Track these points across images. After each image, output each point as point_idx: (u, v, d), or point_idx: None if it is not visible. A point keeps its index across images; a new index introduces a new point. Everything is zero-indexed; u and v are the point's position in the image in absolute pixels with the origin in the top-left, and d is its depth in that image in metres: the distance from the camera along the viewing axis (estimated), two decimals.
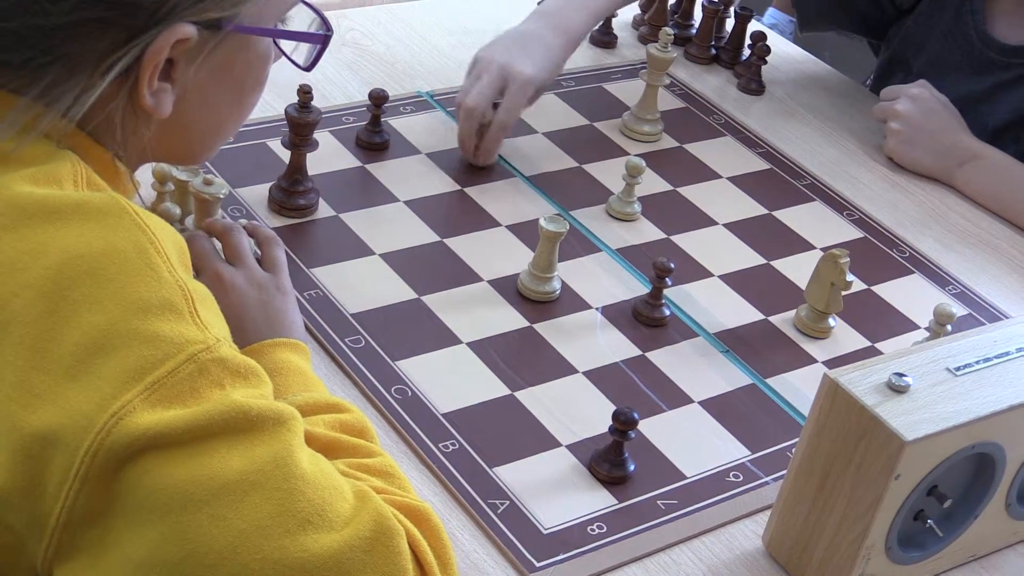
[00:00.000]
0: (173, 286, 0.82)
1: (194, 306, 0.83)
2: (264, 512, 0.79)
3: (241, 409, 0.80)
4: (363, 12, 1.78)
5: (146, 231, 0.84)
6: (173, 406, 0.79)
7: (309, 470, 0.82)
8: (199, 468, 0.79)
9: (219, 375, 0.81)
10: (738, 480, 1.16)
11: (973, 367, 1.05)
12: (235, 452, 0.80)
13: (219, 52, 0.92)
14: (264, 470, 0.80)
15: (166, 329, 0.80)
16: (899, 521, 1.03)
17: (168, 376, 0.79)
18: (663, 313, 1.32)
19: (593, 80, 1.72)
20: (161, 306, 0.81)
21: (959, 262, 1.52)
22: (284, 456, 0.81)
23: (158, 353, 0.80)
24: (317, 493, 0.81)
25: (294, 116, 1.32)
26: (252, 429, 0.81)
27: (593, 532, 1.08)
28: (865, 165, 1.67)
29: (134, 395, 0.78)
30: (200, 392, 0.80)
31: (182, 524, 0.78)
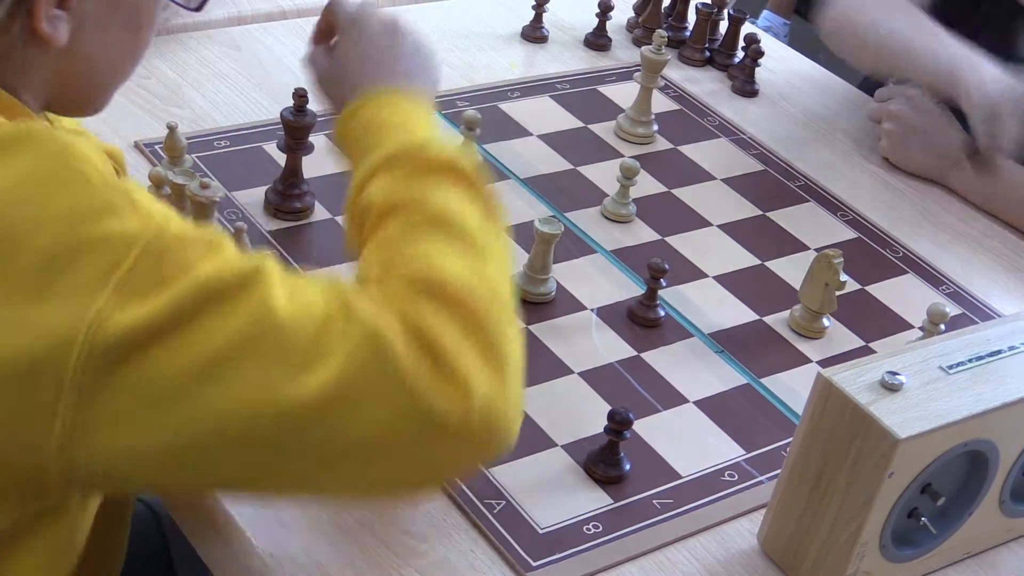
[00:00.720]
0: (104, 187, 0.83)
1: (132, 198, 0.83)
2: (259, 370, 0.81)
3: (208, 284, 0.82)
4: None
5: (62, 143, 0.85)
6: (145, 299, 0.80)
7: (289, 311, 0.83)
8: (186, 352, 0.80)
9: (179, 253, 0.82)
10: (733, 479, 1.16)
11: (966, 365, 1.05)
12: (215, 325, 0.81)
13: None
14: (246, 332, 0.81)
15: (112, 228, 0.81)
16: (893, 519, 1.03)
17: (130, 272, 0.80)
18: (658, 314, 1.32)
19: (587, 83, 1.73)
20: (101, 209, 0.82)
21: (953, 262, 1.52)
22: (261, 312, 0.82)
23: (113, 254, 0.81)
24: (301, 333, 0.82)
25: (290, 119, 1.32)
26: (224, 298, 0.82)
27: (589, 532, 1.08)
28: (859, 166, 1.68)
29: (104, 300, 0.80)
30: (166, 275, 0.81)
31: (186, 408, 0.81)
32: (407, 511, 1.06)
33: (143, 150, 1.42)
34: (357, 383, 0.82)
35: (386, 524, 1.05)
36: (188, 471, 0.85)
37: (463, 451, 0.87)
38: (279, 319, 0.82)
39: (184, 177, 1.25)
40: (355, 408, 0.82)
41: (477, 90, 1.66)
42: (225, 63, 1.61)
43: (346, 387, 0.82)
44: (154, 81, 1.54)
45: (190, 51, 1.62)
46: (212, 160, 1.42)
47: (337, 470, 0.85)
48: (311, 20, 1.71)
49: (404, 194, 0.95)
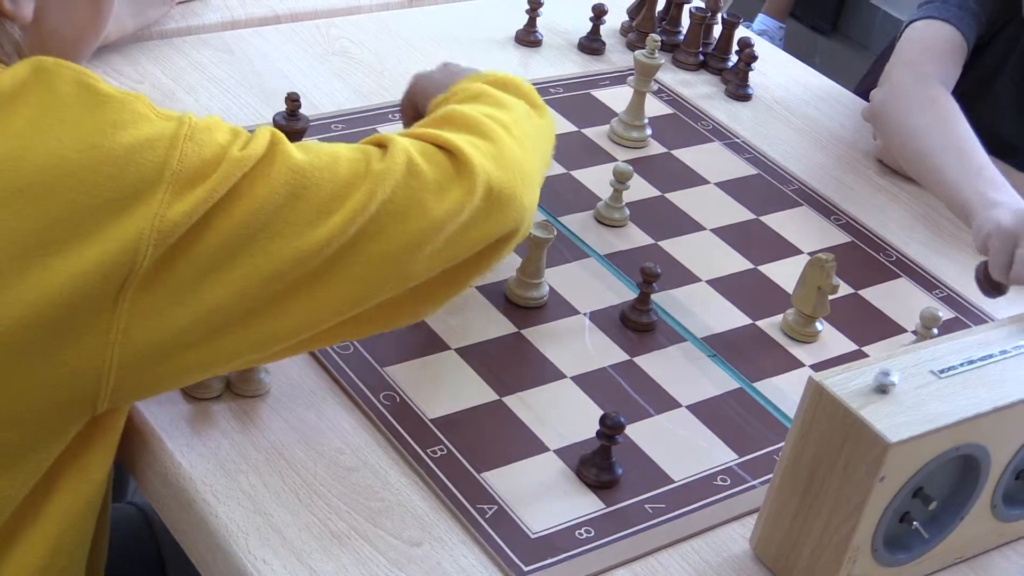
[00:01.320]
0: (128, 98, 0.92)
1: (151, 106, 0.93)
2: (301, 212, 0.95)
3: (243, 159, 0.93)
4: (352, 21, 1.78)
5: (73, 68, 0.92)
6: (196, 185, 0.90)
7: (308, 159, 0.97)
8: (236, 214, 0.92)
9: (209, 139, 0.92)
10: (725, 484, 1.16)
11: (957, 369, 1.05)
12: (255, 186, 0.93)
13: None
14: (282, 182, 0.94)
15: (152, 131, 0.90)
16: (885, 523, 1.03)
17: (179, 165, 0.90)
18: (651, 318, 1.32)
19: (581, 87, 1.73)
20: (133, 117, 0.91)
21: (946, 266, 1.52)
22: (288, 164, 0.95)
23: (159, 152, 0.90)
24: (327, 171, 0.97)
25: (282, 124, 1.32)
26: (257, 163, 0.93)
27: (581, 536, 1.08)
28: (853, 170, 1.68)
29: (162, 194, 0.89)
30: (208, 158, 0.91)
31: (245, 261, 0.93)
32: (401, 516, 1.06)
33: None
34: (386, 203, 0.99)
35: (378, 529, 1.05)
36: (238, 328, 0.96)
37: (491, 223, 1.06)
38: (306, 167, 0.96)
39: None
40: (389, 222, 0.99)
41: None
42: (219, 67, 1.61)
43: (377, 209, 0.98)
44: (147, 85, 1.54)
45: (183, 55, 1.62)
46: None
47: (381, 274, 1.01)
48: (305, 24, 1.74)
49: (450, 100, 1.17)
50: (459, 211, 1.03)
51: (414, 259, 1.01)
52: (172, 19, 1.66)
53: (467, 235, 1.04)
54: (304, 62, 1.66)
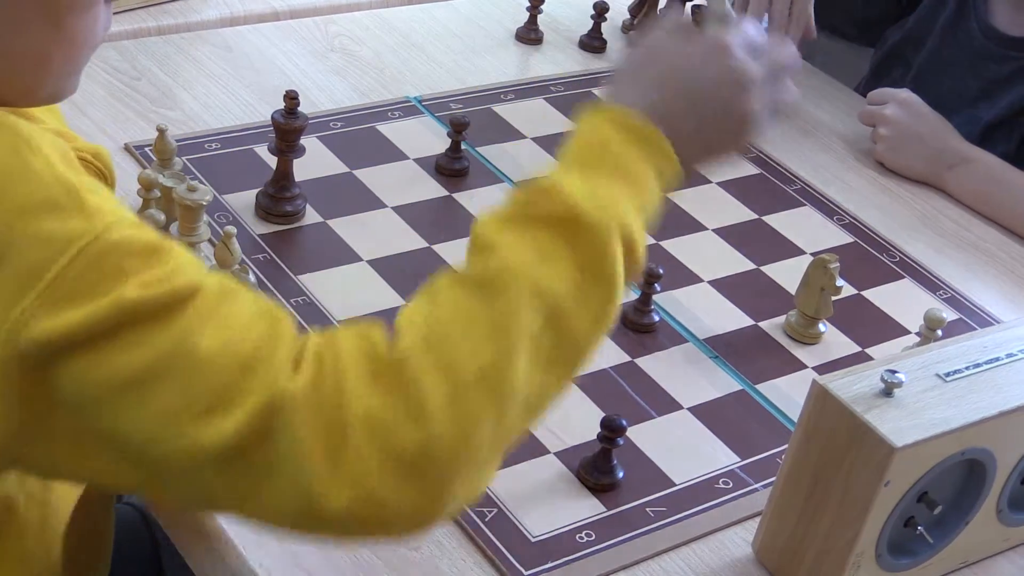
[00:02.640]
0: (53, 182, 0.80)
1: (80, 196, 0.80)
2: (167, 402, 0.78)
3: (135, 304, 0.78)
4: (351, 17, 1.77)
5: (18, 132, 0.82)
6: (72, 305, 0.77)
7: (209, 350, 0.78)
8: (107, 366, 0.78)
9: (114, 263, 0.79)
10: (728, 487, 1.15)
11: (963, 373, 1.04)
12: (136, 346, 0.78)
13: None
14: (164, 360, 0.78)
15: (51, 227, 0.78)
16: (889, 528, 1.02)
17: (61, 274, 0.78)
18: (652, 319, 1.31)
19: (583, 85, 1.72)
20: (43, 205, 0.79)
21: (949, 266, 1.51)
22: (182, 342, 0.78)
23: (47, 253, 0.78)
24: (218, 376, 0.78)
25: (281, 122, 1.31)
26: (149, 319, 0.78)
27: (582, 540, 1.07)
28: (855, 170, 1.67)
29: (31, 301, 0.77)
30: (96, 285, 0.78)
31: (107, 416, 0.78)
32: None
33: (133, 152, 1.41)
34: (252, 444, 0.78)
35: None
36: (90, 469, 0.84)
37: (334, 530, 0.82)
38: (201, 352, 0.78)
39: (174, 180, 1.24)
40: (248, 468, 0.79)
41: (470, 92, 1.65)
42: (216, 64, 1.60)
43: (243, 444, 0.78)
44: (144, 83, 1.53)
45: (181, 52, 1.60)
46: (202, 162, 1.41)
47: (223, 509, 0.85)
48: (304, 22, 1.73)
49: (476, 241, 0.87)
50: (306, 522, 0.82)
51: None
52: (170, 15, 1.65)
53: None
54: (303, 59, 1.65)
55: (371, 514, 0.79)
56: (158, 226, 1.22)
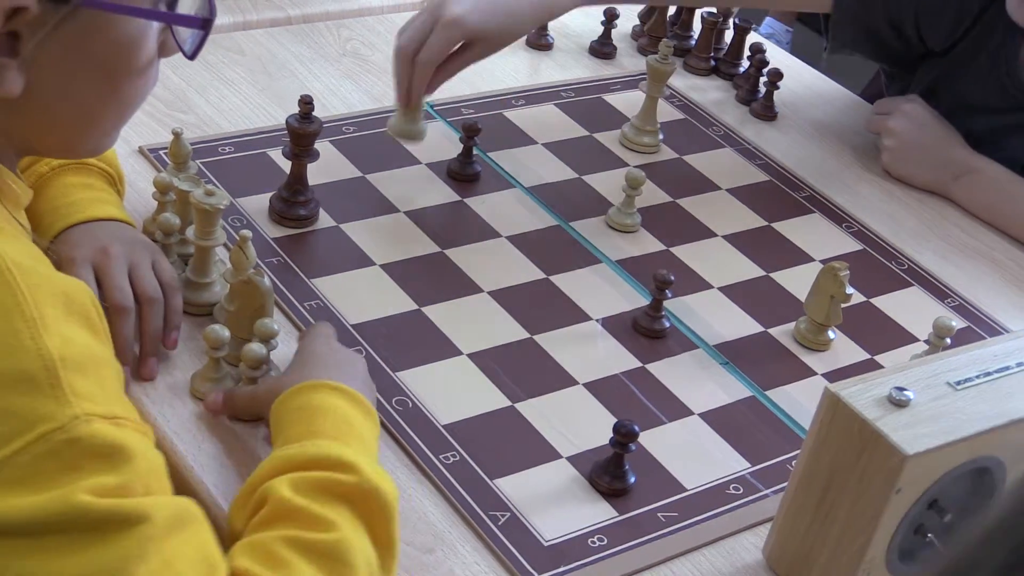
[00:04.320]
0: (33, 355, 0.77)
1: (57, 375, 0.77)
2: None
3: (81, 510, 0.75)
4: (363, 22, 1.78)
5: (13, 290, 0.78)
6: (18, 490, 0.75)
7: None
8: (34, 565, 0.75)
9: (72, 458, 0.76)
10: (738, 492, 1.16)
11: (973, 381, 1.05)
12: (71, 555, 0.75)
13: (71, 28, 0.85)
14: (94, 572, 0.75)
15: (19, 404, 0.76)
16: (899, 535, 1.03)
17: (15, 455, 0.75)
18: (663, 325, 1.32)
19: (592, 91, 1.73)
20: (17, 378, 0.76)
21: (957, 274, 1.52)
22: (118, 567, 0.76)
23: (6, 430, 0.75)
24: None
25: (295, 126, 1.32)
26: (92, 531, 0.76)
27: (594, 544, 1.08)
28: (863, 177, 1.68)
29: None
30: (48, 476, 0.75)
31: None
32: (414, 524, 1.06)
33: (147, 155, 1.41)
34: None
35: None
36: None
37: None
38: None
39: (189, 183, 1.25)
40: None
41: (481, 97, 1.66)
42: (231, 69, 1.61)
43: None
44: (159, 86, 1.52)
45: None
46: (217, 166, 1.42)
47: None
48: (316, 26, 1.74)
49: (306, 507, 0.90)
50: None
51: None
52: None
53: None
54: (316, 64, 1.66)
55: None
56: (172, 230, 1.23)
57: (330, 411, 1.00)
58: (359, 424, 1.01)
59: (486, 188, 1.48)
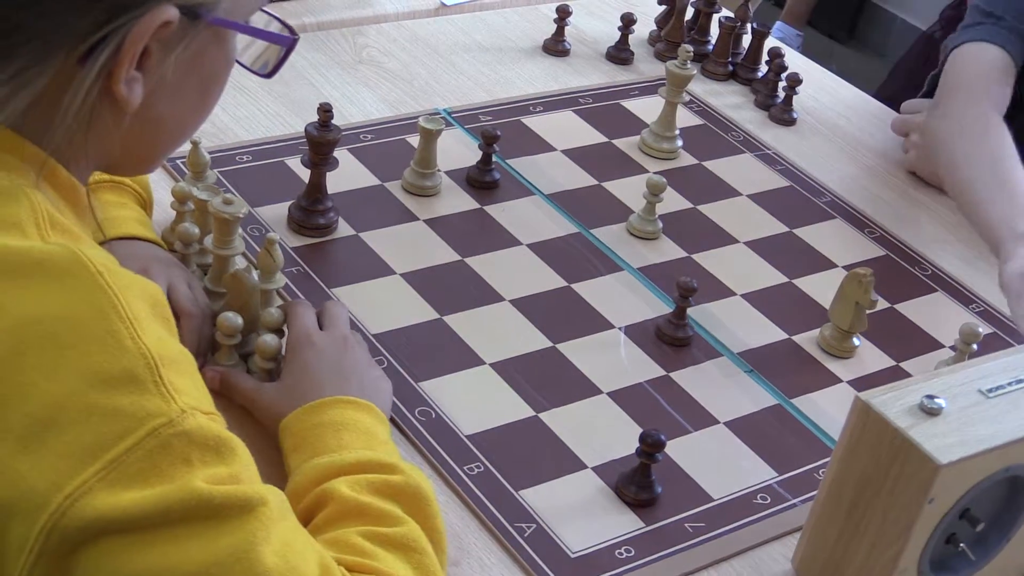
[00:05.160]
0: (135, 354, 0.78)
1: (159, 373, 0.78)
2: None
3: (203, 497, 0.76)
4: (378, 29, 1.77)
5: (108, 292, 0.79)
6: (133, 487, 0.75)
7: (272, 566, 0.78)
8: (157, 558, 0.76)
9: (184, 450, 0.77)
10: (766, 502, 1.15)
11: (1005, 389, 1.04)
12: (195, 542, 0.76)
13: (195, 44, 0.88)
14: (224, 563, 0.76)
15: (126, 403, 0.77)
16: (932, 545, 1.01)
17: (127, 453, 0.76)
18: (687, 333, 1.31)
19: (610, 97, 1.71)
20: (121, 377, 0.77)
21: (982, 280, 1.50)
22: (246, 550, 0.77)
23: (117, 429, 0.76)
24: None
25: (314, 135, 1.31)
26: (214, 517, 0.77)
27: (621, 556, 1.07)
28: (884, 182, 1.66)
29: (91, 475, 0.75)
30: (162, 470, 0.76)
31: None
32: None
33: (165, 165, 1.40)
34: None
35: None
36: None
37: None
38: (263, 566, 0.77)
39: (208, 193, 1.24)
40: None
41: (499, 104, 1.65)
42: (246, 76, 1.58)
43: None
44: None
45: None
46: (234, 175, 1.41)
47: None
48: (331, 34, 1.73)
49: (372, 504, 0.94)
50: None
51: None
52: None
53: None
54: (332, 72, 1.65)
55: None
56: (191, 240, 1.22)
57: (351, 425, 1.03)
58: (380, 432, 1.05)
59: (506, 195, 1.47)
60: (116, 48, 0.83)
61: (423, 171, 1.43)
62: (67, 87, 0.83)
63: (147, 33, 0.83)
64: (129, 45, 0.83)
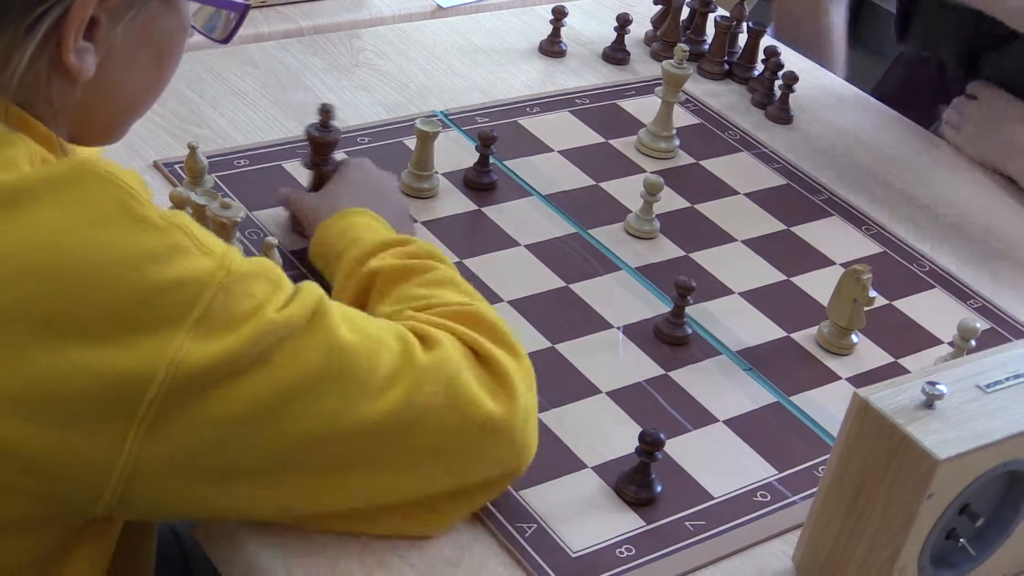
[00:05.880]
0: (170, 228, 0.86)
1: (194, 235, 0.87)
2: (333, 398, 0.90)
3: (279, 322, 0.87)
4: (375, 32, 1.77)
5: (121, 185, 0.85)
6: (222, 335, 0.85)
7: (353, 340, 0.91)
8: (263, 383, 0.87)
9: (245, 289, 0.87)
10: (766, 500, 1.15)
11: (1004, 384, 1.04)
12: (288, 358, 0.88)
13: (144, 12, 0.92)
14: (318, 361, 0.89)
15: (185, 269, 0.84)
16: (932, 541, 1.01)
17: (206, 310, 0.84)
18: (685, 332, 1.31)
19: (607, 97, 1.72)
20: (170, 251, 0.85)
21: (978, 276, 1.51)
22: (329, 341, 0.90)
23: (188, 295, 0.84)
24: (368, 359, 0.92)
25: (315, 136, 1.31)
26: (294, 333, 0.88)
27: (622, 555, 1.07)
28: (880, 178, 1.67)
29: (183, 338, 0.84)
30: (239, 314, 0.86)
31: (259, 437, 0.88)
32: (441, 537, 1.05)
33: (162, 170, 1.41)
34: (427, 400, 0.94)
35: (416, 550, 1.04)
36: (243, 500, 0.92)
37: (509, 451, 1.01)
38: (348, 344, 0.91)
39: (206, 197, 1.24)
40: (425, 420, 0.94)
41: (496, 105, 1.65)
42: (243, 81, 1.60)
43: (417, 405, 0.94)
44: (172, 100, 1.53)
45: (208, 69, 1.61)
46: (232, 179, 1.41)
47: (403, 475, 0.97)
48: (328, 37, 1.73)
49: (410, 265, 1.10)
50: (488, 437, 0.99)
51: (434, 465, 0.98)
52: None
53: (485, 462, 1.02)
54: (328, 75, 1.65)
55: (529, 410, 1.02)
56: None
57: (365, 226, 1.17)
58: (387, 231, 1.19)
59: (503, 197, 1.48)
60: (60, 18, 0.86)
61: (420, 173, 1.44)
62: (16, 58, 0.87)
63: (91, 3, 0.87)
64: (74, 15, 0.87)
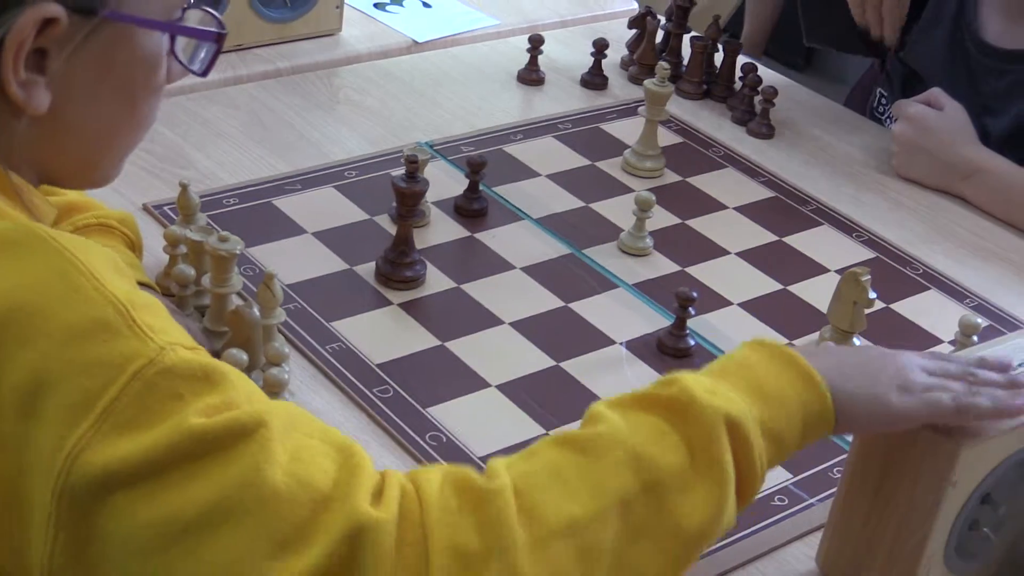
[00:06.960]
0: (102, 303, 0.77)
1: (131, 316, 0.76)
2: (239, 541, 0.73)
3: (197, 433, 0.74)
4: (352, 69, 1.77)
5: (64, 253, 0.78)
6: (128, 433, 0.74)
7: (282, 483, 0.74)
8: (164, 505, 0.74)
9: (171, 386, 0.75)
10: (783, 503, 1.14)
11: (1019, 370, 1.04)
12: (199, 480, 0.74)
13: (96, 43, 0.85)
14: (232, 496, 0.74)
15: (103, 351, 0.75)
16: (956, 531, 1.01)
17: (115, 401, 0.74)
18: (688, 344, 1.31)
19: (589, 121, 1.72)
20: (93, 328, 0.76)
21: (972, 275, 1.51)
22: (251, 475, 0.74)
23: (100, 379, 0.74)
24: (293, 510, 0.74)
25: (402, 187, 1.28)
26: (213, 451, 0.74)
27: None
28: (866, 188, 1.67)
29: (86, 428, 0.73)
30: (154, 412, 0.74)
31: (160, 565, 0.74)
32: None
33: (152, 212, 1.40)
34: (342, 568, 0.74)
35: None
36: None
37: None
38: (273, 485, 0.74)
39: (201, 234, 1.23)
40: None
41: (480, 134, 1.65)
42: (226, 122, 1.60)
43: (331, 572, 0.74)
44: (156, 143, 1.52)
45: (188, 112, 1.60)
46: (223, 217, 1.40)
47: None
48: (306, 76, 1.73)
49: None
50: None
51: None
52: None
53: None
54: (310, 113, 1.65)
55: None
56: (188, 282, 1.21)
57: None
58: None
59: (495, 222, 1.47)
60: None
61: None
62: None
63: (26, 31, 0.81)
64: (9, 43, 0.81)
